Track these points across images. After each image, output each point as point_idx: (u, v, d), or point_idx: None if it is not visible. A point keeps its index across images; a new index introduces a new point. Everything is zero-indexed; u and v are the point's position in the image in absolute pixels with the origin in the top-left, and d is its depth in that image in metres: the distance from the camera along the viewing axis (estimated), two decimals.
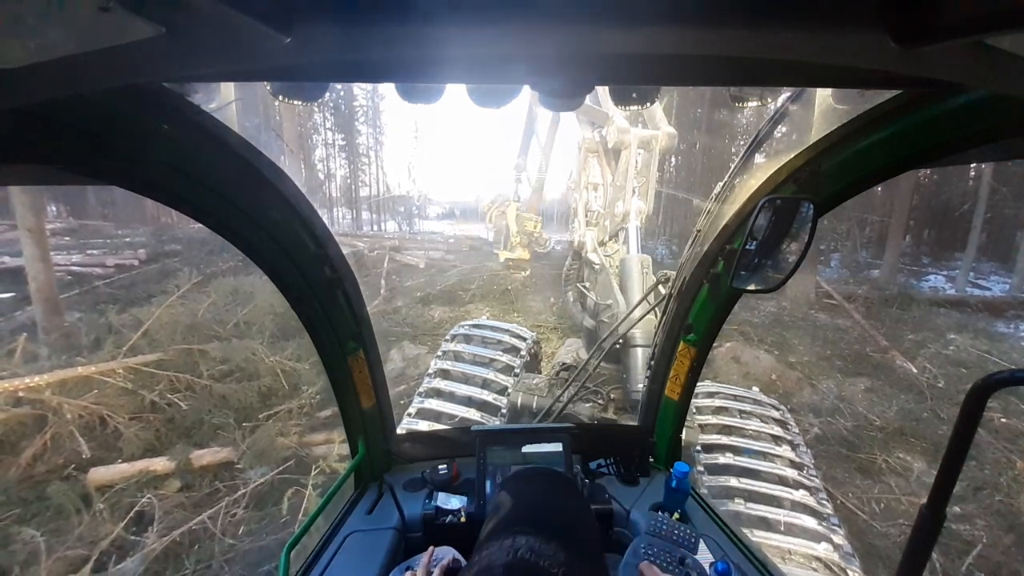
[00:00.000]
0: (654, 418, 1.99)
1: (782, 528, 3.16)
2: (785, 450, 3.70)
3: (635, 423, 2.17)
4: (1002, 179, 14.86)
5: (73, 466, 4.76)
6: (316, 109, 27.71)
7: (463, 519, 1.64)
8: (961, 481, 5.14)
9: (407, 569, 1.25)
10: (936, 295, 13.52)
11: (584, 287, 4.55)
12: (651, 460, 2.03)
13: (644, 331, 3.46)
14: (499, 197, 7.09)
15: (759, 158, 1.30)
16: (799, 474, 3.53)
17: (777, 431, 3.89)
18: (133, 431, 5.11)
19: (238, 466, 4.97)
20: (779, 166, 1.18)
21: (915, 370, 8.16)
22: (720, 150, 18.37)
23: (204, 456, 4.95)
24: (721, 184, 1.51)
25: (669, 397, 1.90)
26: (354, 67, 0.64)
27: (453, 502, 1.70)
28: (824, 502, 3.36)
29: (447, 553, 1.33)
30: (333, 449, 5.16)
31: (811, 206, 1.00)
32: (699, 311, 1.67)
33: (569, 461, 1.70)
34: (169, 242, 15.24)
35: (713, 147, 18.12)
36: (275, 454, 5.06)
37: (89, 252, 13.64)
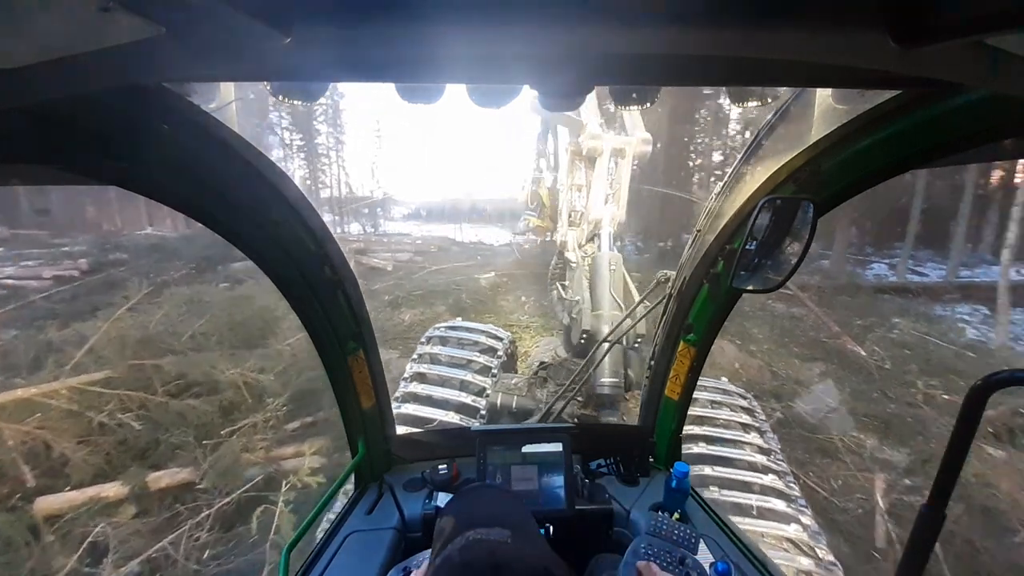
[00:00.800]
0: (654, 418, 2.00)
1: (754, 512, 3.29)
2: (754, 437, 3.86)
3: (633, 423, 2.19)
4: (937, 173, 16.02)
5: (18, 496, 4.42)
6: (271, 107, 26.66)
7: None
8: (910, 455, 5.51)
9: (406, 569, 1.23)
10: (880, 282, 14.47)
11: (563, 285, 4.61)
12: (651, 460, 2.04)
13: (609, 327, 3.53)
14: (536, 175, 7.34)
15: (759, 158, 1.31)
16: (767, 459, 3.68)
17: (745, 419, 4.04)
18: (81, 456, 4.76)
19: (200, 486, 4.71)
20: (779, 166, 1.20)
21: (864, 353, 8.69)
22: (680, 147, 18.92)
23: (162, 478, 4.68)
24: (721, 184, 1.51)
25: (669, 397, 1.90)
26: (354, 67, 0.64)
27: None
28: (792, 485, 3.52)
29: None
30: (304, 462, 4.98)
31: (811, 206, 1.00)
32: (699, 311, 1.68)
33: (569, 461, 1.69)
34: (113, 250, 14.30)
35: (672, 144, 18.62)
36: (240, 471, 4.83)
37: (24, 264, 12.63)
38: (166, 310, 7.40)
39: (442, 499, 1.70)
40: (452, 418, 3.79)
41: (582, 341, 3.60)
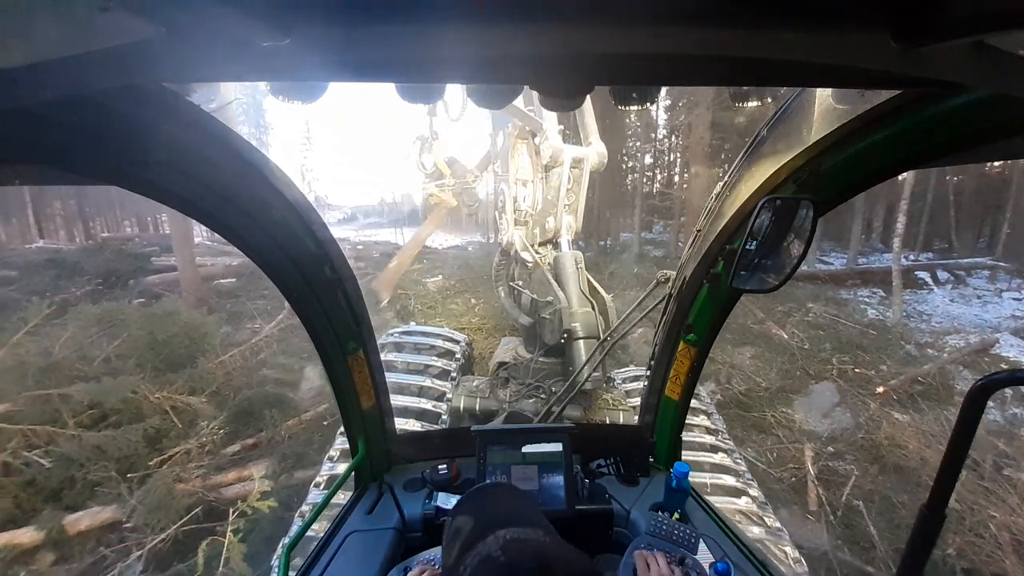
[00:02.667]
0: (654, 418, 2.00)
1: (708, 490, 3.50)
2: (702, 420, 4.11)
3: (632, 423, 2.21)
4: None
5: None
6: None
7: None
8: (831, 425, 6.12)
9: (406, 569, 1.23)
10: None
11: (518, 285, 4.58)
12: (651, 460, 2.04)
13: (585, 323, 3.60)
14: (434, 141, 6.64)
15: (759, 158, 1.31)
16: (716, 439, 3.93)
17: (694, 403, 4.30)
18: None
19: (128, 525, 4.25)
20: (779, 166, 1.20)
21: (786, 336, 9.53)
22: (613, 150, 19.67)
23: (82, 519, 4.21)
24: (721, 184, 1.50)
25: (669, 397, 1.90)
26: (354, 67, 0.63)
27: (453, 502, 1.65)
28: (739, 461, 3.78)
29: None
30: (252, 487, 4.62)
31: (811, 206, 1.01)
32: (699, 311, 1.68)
33: (569, 461, 1.69)
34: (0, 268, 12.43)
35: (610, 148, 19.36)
36: (175, 504, 4.40)
37: None
38: (71, 332, 6.63)
39: (442, 499, 1.70)
40: (413, 426, 3.70)
41: (562, 340, 3.63)
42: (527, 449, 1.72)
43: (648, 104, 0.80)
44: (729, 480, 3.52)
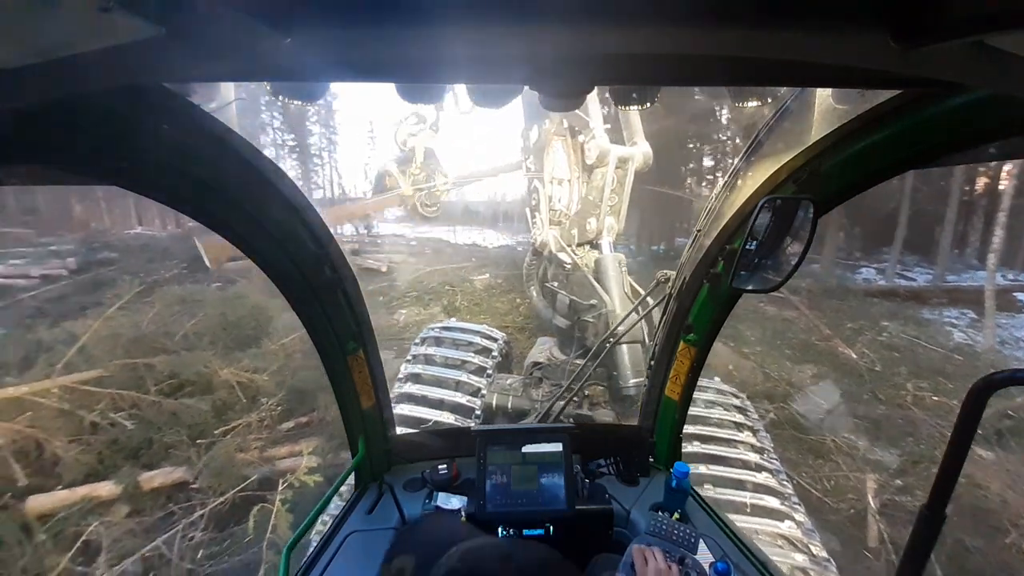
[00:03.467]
0: (654, 418, 2.00)
1: (748, 510, 3.32)
2: (747, 436, 3.90)
3: (633, 422, 2.19)
4: (923, 179, 16.31)
5: (9, 495, 4.37)
6: (263, 107, 26.47)
7: (463, 519, 1.63)
8: (900, 456, 5.59)
9: None
10: (869, 286, 14.65)
11: (553, 286, 4.53)
12: (651, 460, 2.04)
13: (625, 327, 3.53)
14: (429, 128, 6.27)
15: (759, 158, 1.31)
16: (761, 458, 3.72)
17: (739, 418, 4.08)
18: (73, 455, 4.71)
19: (194, 486, 4.68)
20: (779, 166, 1.20)
21: (855, 356, 8.80)
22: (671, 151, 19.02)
23: (155, 478, 4.65)
24: (721, 184, 1.51)
25: (669, 397, 1.90)
26: (354, 67, 0.64)
27: (453, 502, 1.70)
28: (785, 483, 3.56)
29: None
30: (300, 462, 4.95)
31: (811, 206, 1.00)
32: (699, 311, 1.68)
33: (569, 461, 1.70)
34: (102, 249, 14.12)
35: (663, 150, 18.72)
36: (235, 471, 4.79)
37: (11, 262, 12.43)
38: (158, 309, 7.33)
39: (442, 499, 1.70)
40: (447, 418, 3.79)
41: (607, 344, 3.59)
42: (527, 449, 1.72)
43: (648, 104, 0.79)
44: (772, 502, 3.34)
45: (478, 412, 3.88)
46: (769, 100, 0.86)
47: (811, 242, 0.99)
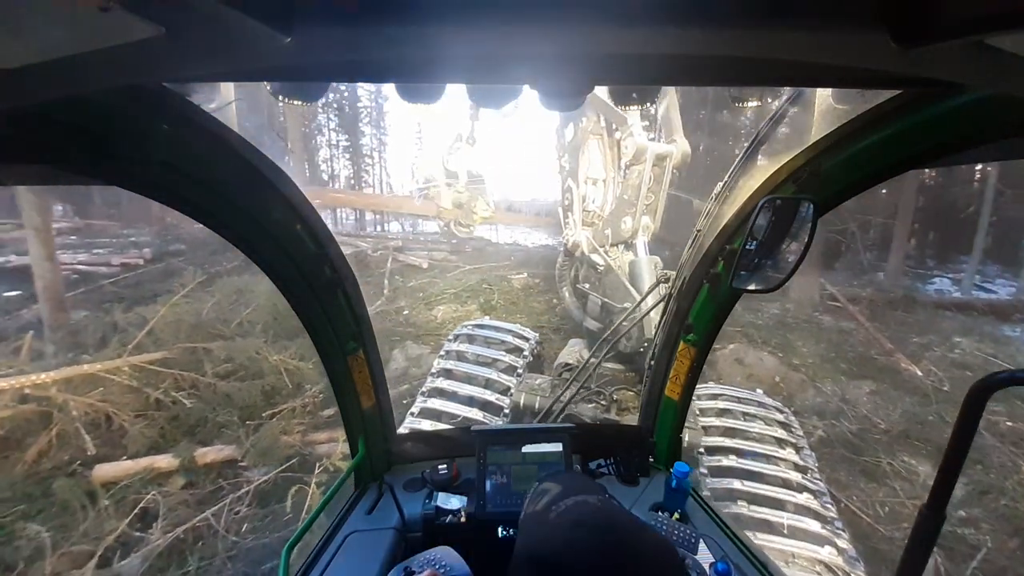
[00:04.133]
0: (654, 418, 1.99)
1: (785, 531, 3.15)
2: (789, 453, 3.69)
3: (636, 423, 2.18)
4: (1008, 181, 14.74)
5: (79, 463, 4.80)
6: (321, 110, 27.73)
7: (463, 519, 1.65)
8: (966, 485, 5.12)
9: (407, 569, 1.24)
10: (941, 298, 13.43)
11: (584, 288, 4.47)
12: (651, 460, 2.03)
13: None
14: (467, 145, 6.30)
15: (759, 158, 1.31)
16: (803, 477, 3.51)
17: (781, 434, 3.87)
18: (138, 428, 5.14)
19: (241, 464, 4.99)
20: (779, 166, 1.19)
21: (920, 373, 8.10)
22: (723, 152, 18.26)
23: (208, 454, 4.98)
24: (721, 184, 1.51)
25: (669, 397, 1.89)
26: (354, 67, 0.64)
27: (453, 502, 1.70)
28: (828, 505, 3.35)
29: (446, 553, 1.33)
30: (336, 448, 5.18)
31: (811, 206, 1.00)
32: (699, 311, 1.68)
33: (569, 461, 1.69)
34: (173, 242, 15.29)
35: (716, 148, 18.00)
36: (278, 452, 5.07)
37: (95, 251, 13.71)
38: (217, 298, 7.87)
39: (442, 499, 1.70)
40: (476, 415, 3.84)
41: (642, 350, 3.52)
42: (527, 449, 1.71)
43: (648, 104, 0.78)
44: (813, 525, 3.15)
45: (506, 411, 3.91)
46: (769, 100, 0.84)
47: (811, 242, 0.99)
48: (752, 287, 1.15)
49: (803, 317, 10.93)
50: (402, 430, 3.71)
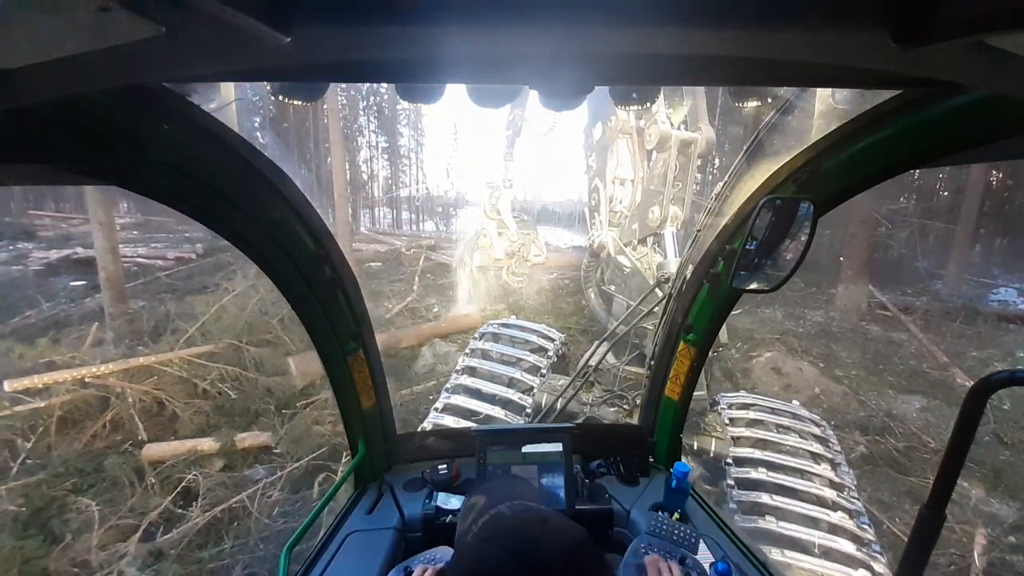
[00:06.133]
0: (654, 418, 1.99)
1: (816, 551, 3.01)
2: (824, 469, 3.52)
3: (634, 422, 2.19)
4: None
5: (130, 443, 5.16)
6: (361, 112, 28.56)
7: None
8: (1020, 511, 4.71)
9: (407, 569, 1.25)
10: (1005, 310, 12.41)
11: (610, 289, 4.41)
12: (651, 460, 2.03)
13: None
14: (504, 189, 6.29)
15: (759, 158, 1.30)
16: (838, 495, 3.34)
17: (817, 448, 3.69)
18: (187, 415, 5.52)
19: (276, 450, 5.23)
20: (779, 166, 1.18)
21: None
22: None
23: (246, 439, 5.24)
24: (721, 184, 1.50)
25: (669, 397, 1.88)
26: (354, 67, 0.65)
27: (453, 502, 1.71)
28: (865, 526, 3.17)
29: (446, 553, 1.33)
30: None
31: (811, 206, 1.00)
32: (699, 311, 1.67)
33: (569, 461, 1.68)
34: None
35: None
36: (310, 441, 5.28)
37: (153, 245, 14.69)
38: (261, 295, 8.27)
39: (442, 499, 1.71)
40: (498, 412, 3.86)
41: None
42: (527, 449, 1.71)
43: (648, 104, 0.77)
44: (847, 546, 2.99)
45: (528, 410, 3.91)
46: (769, 100, 0.83)
47: (811, 242, 0.99)
48: (752, 287, 1.15)
49: (848, 326, 10.39)
50: (425, 425, 3.78)
